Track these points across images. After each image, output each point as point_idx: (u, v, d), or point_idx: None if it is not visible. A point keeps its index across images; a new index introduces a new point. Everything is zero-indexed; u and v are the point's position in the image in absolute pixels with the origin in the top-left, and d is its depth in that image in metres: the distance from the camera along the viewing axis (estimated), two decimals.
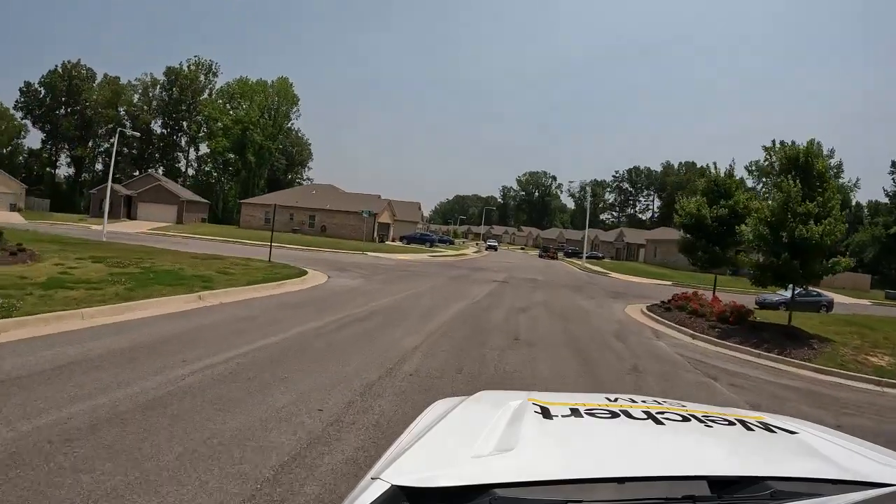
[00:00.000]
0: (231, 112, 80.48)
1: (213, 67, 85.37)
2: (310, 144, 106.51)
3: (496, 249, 73.73)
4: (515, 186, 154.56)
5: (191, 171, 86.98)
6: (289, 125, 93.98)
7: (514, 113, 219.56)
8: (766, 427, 1.59)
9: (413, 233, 54.41)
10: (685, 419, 1.58)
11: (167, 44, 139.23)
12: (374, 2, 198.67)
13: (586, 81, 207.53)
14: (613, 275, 38.27)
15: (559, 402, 1.72)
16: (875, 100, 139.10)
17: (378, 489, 1.14)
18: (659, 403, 1.77)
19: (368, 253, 36.64)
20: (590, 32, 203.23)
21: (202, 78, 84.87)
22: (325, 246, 38.74)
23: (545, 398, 1.76)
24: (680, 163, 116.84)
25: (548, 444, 1.39)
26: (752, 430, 1.56)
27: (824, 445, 1.46)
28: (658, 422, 1.53)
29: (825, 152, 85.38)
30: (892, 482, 1.17)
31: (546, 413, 1.58)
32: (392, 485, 1.13)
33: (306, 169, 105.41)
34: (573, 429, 1.51)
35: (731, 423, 1.58)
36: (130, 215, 64.04)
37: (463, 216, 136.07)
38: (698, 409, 1.72)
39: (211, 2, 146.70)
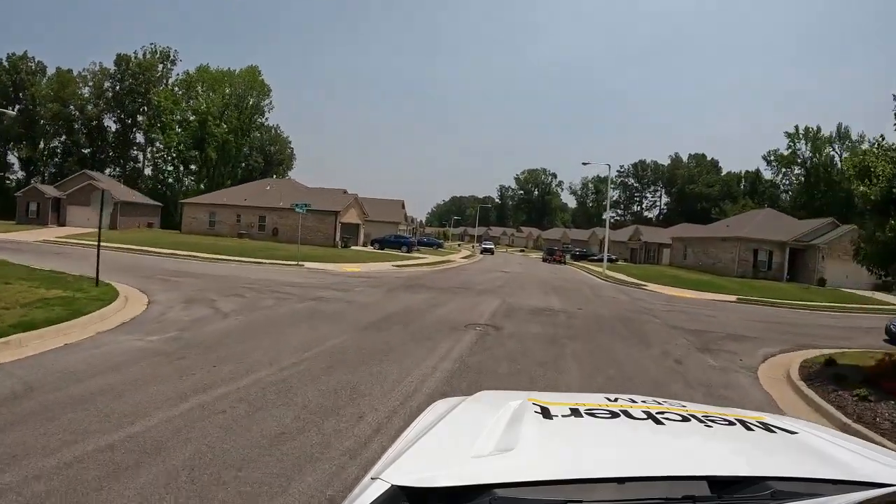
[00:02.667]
0: (191, 102, 69.29)
1: (172, 55, 74.09)
2: (290, 142, 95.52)
3: (492, 253, 62.24)
4: (514, 185, 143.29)
5: (148, 171, 75.66)
6: (263, 120, 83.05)
7: (512, 110, 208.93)
8: (766, 427, 1.53)
9: (386, 235, 42.91)
10: (685, 419, 1.52)
11: (123, 33, 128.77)
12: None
13: (585, 76, 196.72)
14: (650, 287, 26.89)
15: (559, 402, 1.66)
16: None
17: (378, 489, 1.10)
18: (659, 403, 1.70)
19: (307, 264, 25.34)
20: (588, 29, 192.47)
21: (160, 67, 73.65)
22: (254, 253, 27.55)
23: (545, 398, 1.69)
24: (690, 154, 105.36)
25: (548, 444, 1.35)
26: (752, 430, 1.49)
27: (824, 445, 1.41)
28: (658, 422, 1.48)
29: (856, 136, 74.05)
30: (892, 482, 1.13)
31: (546, 413, 1.52)
32: (392, 485, 1.10)
33: (290, 169, 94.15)
34: (573, 429, 1.46)
35: (731, 424, 1.52)
36: (61, 220, 53.09)
37: (458, 217, 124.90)
38: (698, 409, 1.65)
39: None
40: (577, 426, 1.46)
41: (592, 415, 1.52)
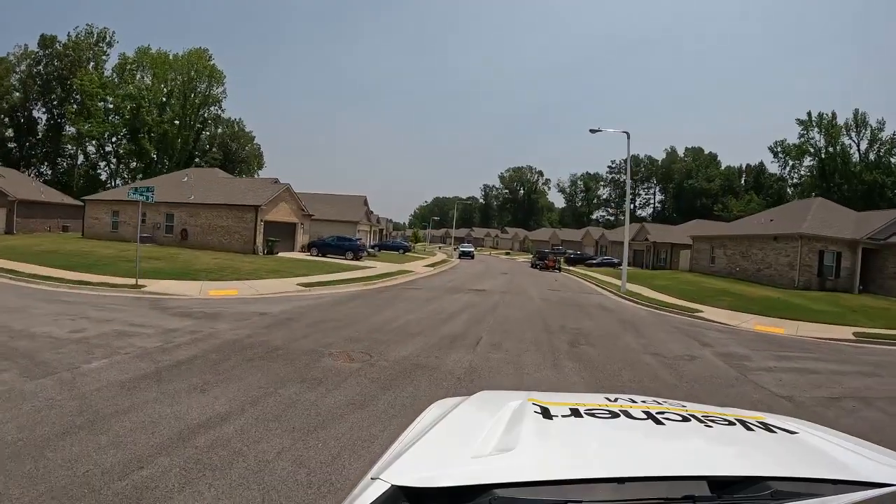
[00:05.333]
0: (129, 87, 58.24)
1: (109, 37, 62.92)
2: (254, 137, 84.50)
3: (472, 257, 51.88)
4: (498, 184, 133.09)
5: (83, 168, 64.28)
6: (220, 111, 72.21)
7: (496, 109, 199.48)
8: (766, 427, 1.47)
9: (327, 237, 32.03)
10: (685, 419, 1.46)
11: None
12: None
13: (579, 74, 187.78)
14: (707, 313, 16.76)
15: (559, 402, 1.59)
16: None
17: (378, 489, 1.07)
18: (659, 403, 1.62)
19: (156, 283, 15.01)
20: (580, 26, 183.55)
21: (95, 49, 62.45)
22: (107, 266, 17.15)
23: (545, 398, 1.62)
24: (686, 148, 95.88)
25: (548, 444, 1.30)
26: (752, 430, 1.43)
27: (824, 445, 1.37)
28: (658, 422, 1.43)
29: (875, 123, 64.94)
30: (892, 482, 1.10)
31: (546, 413, 1.47)
32: (392, 485, 1.07)
33: (260, 168, 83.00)
34: (573, 429, 1.41)
35: (731, 424, 1.46)
36: None
37: (437, 217, 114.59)
38: (698, 409, 1.58)
39: None
40: (577, 426, 1.41)
41: (592, 415, 1.47)
